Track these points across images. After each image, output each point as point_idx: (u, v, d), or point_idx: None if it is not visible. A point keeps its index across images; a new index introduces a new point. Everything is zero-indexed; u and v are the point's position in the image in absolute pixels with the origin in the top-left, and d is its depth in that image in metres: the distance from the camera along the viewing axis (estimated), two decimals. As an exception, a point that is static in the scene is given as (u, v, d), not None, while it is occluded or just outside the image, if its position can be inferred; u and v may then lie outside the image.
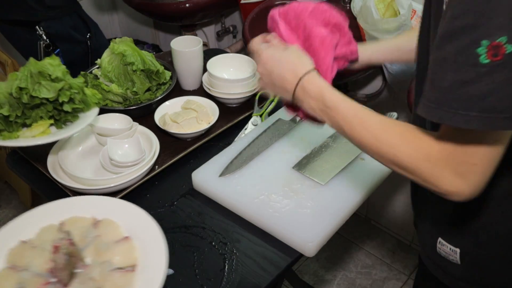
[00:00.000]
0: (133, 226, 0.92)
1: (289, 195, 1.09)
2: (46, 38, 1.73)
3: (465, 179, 0.65)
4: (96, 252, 0.88)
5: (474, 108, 0.59)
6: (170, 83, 1.43)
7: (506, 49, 0.55)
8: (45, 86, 1.08)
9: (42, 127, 1.13)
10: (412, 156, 0.69)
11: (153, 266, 0.84)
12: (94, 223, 0.94)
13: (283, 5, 0.95)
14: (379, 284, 2.01)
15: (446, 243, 0.86)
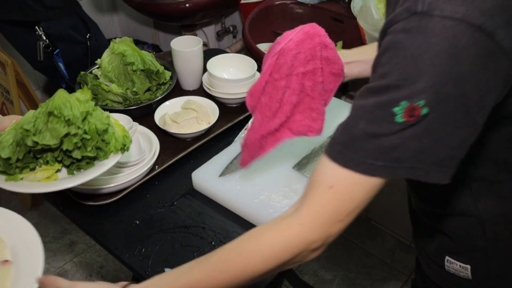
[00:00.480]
0: (21, 252, 0.87)
1: (289, 195, 1.09)
2: (46, 38, 1.73)
3: (325, 245, 0.70)
4: None
5: (381, 158, 0.62)
6: (170, 83, 1.43)
7: (421, 111, 0.58)
8: (50, 130, 0.94)
9: (47, 172, 1.00)
10: (262, 259, 0.69)
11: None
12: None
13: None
14: (379, 284, 2.01)
15: (454, 261, 0.85)
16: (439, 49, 0.56)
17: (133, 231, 1.08)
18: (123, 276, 2.05)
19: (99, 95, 1.36)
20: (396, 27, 0.60)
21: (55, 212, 2.32)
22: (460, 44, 0.56)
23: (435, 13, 0.56)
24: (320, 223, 0.67)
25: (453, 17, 0.56)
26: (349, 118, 0.65)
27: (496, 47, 0.57)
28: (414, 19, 0.58)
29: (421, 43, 0.57)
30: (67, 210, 1.15)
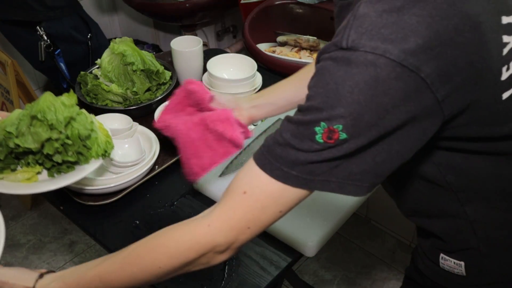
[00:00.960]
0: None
1: (289, 195, 1.09)
2: (47, 38, 1.73)
3: (233, 250, 0.73)
4: None
5: (296, 169, 0.65)
6: (170, 83, 1.43)
7: (339, 136, 0.61)
8: (32, 134, 0.95)
9: (27, 174, 1.00)
10: (174, 256, 0.73)
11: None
12: None
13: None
14: (379, 284, 2.01)
15: (449, 258, 0.86)
16: (359, 79, 0.59)
17: (133, 231, 1.08)
18: (123, 276, 2.05)
19: (99, 95, 1.36)
20: (325, 56, 0.64)
21: (55, 212, 2.32)
22: (381, 76, 0.59)
23: (359, 49, 0.60)
24: (228, 227, 0.70)
25: (374, 52, 0.59)
26: (279, 128, 0.69)
27: (420, 82, 0.60)
28: (340, 52, 0.62)
29: (344, 72, 0.60)
30: (67, 210, 1.15)
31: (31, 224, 2.27)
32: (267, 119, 1.32)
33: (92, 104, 1.36)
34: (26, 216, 2.32)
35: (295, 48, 1.90)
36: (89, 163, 1.00)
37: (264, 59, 1.78)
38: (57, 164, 0.98)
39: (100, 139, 1.02)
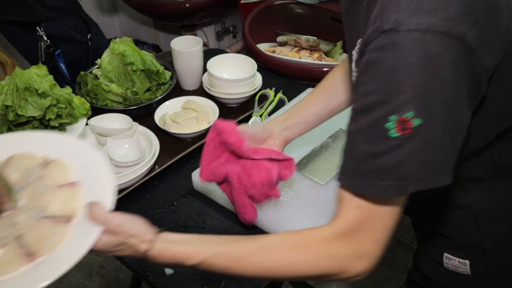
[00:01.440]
0: (88, 173, 0.78)
1: (289, 195, 1.09)
2: (47, 39, 1.74)
3: (368, 258, 0.69)
4: (32, 195, 0.74)
5: (387, 178, 0.63)
6: (170, 83, 1.43)
7: (413, 123, 0.59)
8: (32, 103, 1.04)
9: None
10: (312, 263, 0.69)
11: (91, 226, 0.71)
12: (43, 162, 0.79)
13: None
14: (379, 284, 2.01)
15: (453, 257, 0.86)
16: (413, 60, 0.58)
17: (133, 231, 1.08)
18: (123, 276, 2.05)
19: (99, 95, 1.36)
20: (370, 47, 0.62)
21: (55, 212, 2.32)
22: (431, 51, 0.58)
23: (402, 28, 0.59)
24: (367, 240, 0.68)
25: (419, 29, 0.58)
26: (348, 143, 0.67)
27: (466, 49, 0.59)
28: (384, 37, 0.60)
29: (395, 58, 0.59)
30: (67, 210, 1.15)
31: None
32: (266, 119, 1.32)
33: (92, 104, 1.36)
34: (26, 216, 2.31)
35: (295, 48, 1.90)
36: (78, 122, 1.14)
37: (264, 59, 1.78)
38: (52, 128, 1.09)
39: (76, 101, 1.16)
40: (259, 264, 0.70)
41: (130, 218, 0.74)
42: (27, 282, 0.63)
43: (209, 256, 0.71)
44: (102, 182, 0.76)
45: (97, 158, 0.79)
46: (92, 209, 0.71)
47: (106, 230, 0.71)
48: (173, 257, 0.73)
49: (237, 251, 0.71)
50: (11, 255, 0.65)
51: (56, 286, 2.10)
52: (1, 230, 0.68)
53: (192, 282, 0.97)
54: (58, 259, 0.66)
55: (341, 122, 1.28)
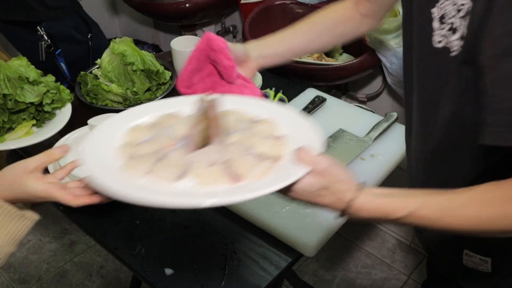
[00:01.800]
0: (295, 131, 0.78)
1: (289, 195, 1.09)
2: (48, 38, 1.74)
3: None
4: (242, 138, 0.77)
5: None
6: (170, 83, 1.43)
7: None
8: (28, 90, 1.13)
9: (26, 128, 1.18)
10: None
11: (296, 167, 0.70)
12: (253, 119, 0.82)
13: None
14: (379, 284, 2.01)
15: (474, 254, 0.84)
16: None
17: (133, 231, 1.08)
18: (123, 276, 2.05)
19: (99, 95, 1.36)
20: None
21: (55, 212, 2.32)
22: None
23: None
24: None
25: None
26: (494, 97, 0.60)
27: None
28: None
29: None
30: (67, 210, 1.15)
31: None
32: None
33: (92, 104, 1.36)
34: (26, 216, 2.32)
35: (295, 48, 1.90)
36: (65, 107, 1.28)
37: (264, 59, 1.78)
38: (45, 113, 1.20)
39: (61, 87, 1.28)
40: (474, 215, 0.64)
41: (339, 164, 0.70)
42: (227, 194, 0.66)
43: (418, 208, 0.65)
44: (309, 138, 0.75)
45: (304, 120, 0.79)
46: (300, 151, 0.69)
47: (313, 171, 0.67)
48: (377, 209, 0.67)
49: (448, 201, 0.65)
50: (217, 174, 0.69)
51: (56, 286, 2.11)
52: (211, 154, 0.73)
53: (192, 282, 0.97)
54: (261, 185, 0.67)
55: (341, 122, 1.28)
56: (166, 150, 0.75)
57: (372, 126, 1.25)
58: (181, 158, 0.73)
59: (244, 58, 0.95)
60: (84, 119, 1.27)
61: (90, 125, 1.24)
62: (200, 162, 0.72)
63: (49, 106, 1.20)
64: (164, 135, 0.78)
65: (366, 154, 1.20)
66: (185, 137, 0.77)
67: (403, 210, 0.66)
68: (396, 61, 1.52)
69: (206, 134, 0.75)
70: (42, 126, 1.24)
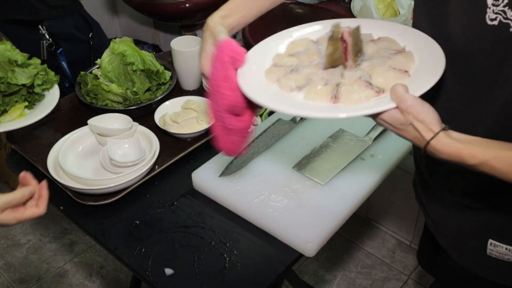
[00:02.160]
0: (425, 69, 0.83)
1: (289, 195, 1.09)
2: (49, 37, 1.74)
3: None
4: (371, 66, 0.84)
5: None
6: (170, 83, 1.43)
7: None
8: (19, 73, 1.17)
9: (19, 110, 1.21)
10: None
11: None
12: (399, 50, 0.88)
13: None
14: (379, 284, 2.01)
15: (500, 244, 0.84)
16: None
17: (133, 231, 1.08)
18: (123, 276, 2.05)
19: (99, 95, 1.36)
20: None
21: (55, 212, 2.31)
22: None
23: None
24: None
25: None
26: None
27: None
28: None
29: None
30: (67, 210, 1.15)
31: (31, 224, 2.27)
32: (266, 119, 1.32)
33: (92, 104, 1.36)
34: (26, 216, 2.32)
35: (295, 48, 1.90)
36: (53, 88, 1.31)
37: (264, 59, 1.78)
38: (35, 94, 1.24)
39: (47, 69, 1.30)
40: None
41: (425, 104, 0.73)
42: (317, 111, 0.77)
43: (493, 158, 0.69)
44: (429, 78, 0.78)
45: (440, 62, 0.81)
46: (395, 87, 0.74)
47: (399, 108, 0.73)
48: (455, 153, 0.71)
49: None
50: (324, 93, 0.79)
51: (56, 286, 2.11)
52: (331, 75, 0.83)
53: (192, 282, 0.97)
54: (349, 109, 0.77)
55: (341, 122, 1.28)
56: (302, 65, 0.86)
57: (372, 126, 1.25)
58: (307, 74, 0.84)
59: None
60: (84, 119, 1.28)
61: (90, 125, 1.24)
62: (317, 80, 0.82)
63: (39, 88, 1.23)
64: (312, 51, 0.88)
65: (366, 154, 1.20)
66: (323, 56, 0.86)
67: (478, 158, 0.70)
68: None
69: (334, 57, 0.84)
70: (33, 107, 1.27)
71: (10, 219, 0.83)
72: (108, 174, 1.18)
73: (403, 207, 2.05)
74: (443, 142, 0.71)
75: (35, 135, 1.34)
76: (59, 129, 1.35)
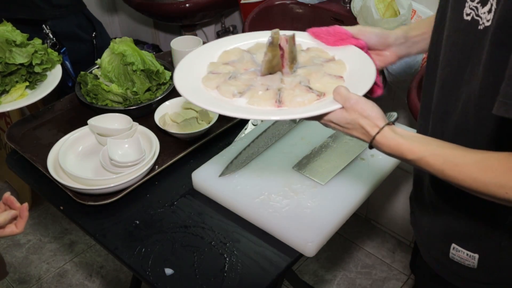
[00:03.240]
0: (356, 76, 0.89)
1: (289, 195, 1.09)
2: (53, 37, 1.74)
3: None
4: (307, 72, 0.90)
5: None
6: (170, 83, 1.43)
7: None
8: (17, 52, 1.19)
9: (20, 90, 1.22)
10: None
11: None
12: (330, 59, 0.94)
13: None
14: (379, 284, 2.01)
15: (461, 249, 0.84)
16: None
17: (133, 231, 1.08)
18: (123, 276, 2.05)
19: (99, 95, 1.36)
20: None
21: (55, 212, 2.32)
22: None
23: None
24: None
25: None
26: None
27: None
28: None
29: None
30: (67, 210, 1.15)
31: (31, 224, 2.27)
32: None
33: (92, 104, 1.36)
34: (26, 216, 2.32)
35: (295, 48, 1.90)
36: (55, 68, 1.31)
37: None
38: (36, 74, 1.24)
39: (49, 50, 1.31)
40: (472, 176, 0.69)
41: (369, 101, 0.78)
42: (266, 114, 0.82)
43: (429, 155, 0.72)
44: (363, 84, 0.85)
45: (370, 66, 0.89)
46: (338, 88, 0.79)
47: (345, 107, 0.78)
48: (397, 147, 0.75)
49: (456, 157, 0.71)
50: (268, 97, 0.84)
51: (56, 286, 2.11)
52: (271, 81, 0.87)
53: (192, 282, 0.97)
54: (297, 111, 0.82)
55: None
56: (239, 72, 0.91)
57: (372, 126, 1.25)
58: (247, 80, 0.88)
59: (381, 48, 0.94)
60: (84, 119, 1.28)
61: (90, 125, 1.24)
62: (257, 85, 0.87)
63: (39, 67, 1.23)
64: (246, 60, 0.94)
65: (366, 154, 1.20)
66: (259, 64, 0.92)
67: (416, 154, 0.73)
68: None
69: (272, 64, 0.88)
70: (35, 87, 1.27)
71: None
72: (108, 174, 1.18)
73: (403, 207, 2.05)
74: (388, 136, 0.75)
75: (35, 135, 1.34)
76: (59, 129, 1.35)
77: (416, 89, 1.34)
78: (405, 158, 0.75)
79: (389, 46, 0.94)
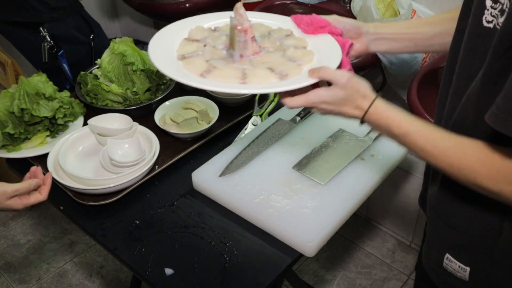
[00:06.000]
0: (320, 46, 0.93)
1: (289, 195, 1.09)
2: (50, 39, 1.73)
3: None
4: (274, 45, 0.94)
5: None
6: (170, 83, 1.43)
7: None
8: (43, 105, 1.24)
9: (40, 139, 1.27)
10: (492, 179, 0.68)
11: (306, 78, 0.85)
12: (288, 34, 0.98)
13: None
14: (379, 284, 2.01)
15: (454, 260, 0.84)
16: None
17: (133, 231, 1.08)
18: (123, 276, 2.05)
19: (99, 95, 1.36)
20: None
21: (55, 212, 2.32)
22: None
23: None
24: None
25: None
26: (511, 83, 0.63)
27: None
28: None
29: None
30: (67, 210, 1.15)
31: (31, 224, 2.27)
32: (266, 119, 1.32)
33: (92, 104, 1.36)
34: (26, 216, 2.32)
35: (295, 48, 1.90)
36: (78, 120, 1.34)
37: (264, 59, 1.78)
38: (58, 125, 1.29)
39: (74, 102, 1.35)
40: (449, 160, 0.72)
41: (358, 77, 0.80)
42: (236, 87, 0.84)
43: (415, 131, 0.75)
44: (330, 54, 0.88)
45: (331, 41, 0.92)
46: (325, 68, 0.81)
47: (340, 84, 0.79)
48: (386, 119, 0.78)
49: (436, 139, 0.73)
50: (231, 75, 0.86)
51: (56, 286, 2.11)
52: (237, 62, 0.90)
53: (192, 282, 0.97)
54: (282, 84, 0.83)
55: (341, 122, 1.28)
56: (207, 50, 0.94)
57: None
58: (213, 58, 0.92)
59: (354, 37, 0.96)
60: (84, 119, 1.28)
61: (90, 125, 1.24)
62: (221, 63, 0.89)
63: (62, 120, 1.28)
64: (215, 37, 0.99)
65: (366, 154, 1.20)
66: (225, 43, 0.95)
67: (403, 128, 0.76)
68: (396, 61, 1.52)
69: (230, 42, 0.92)
70: (55, 136, 1.30)
71: (17, 204, 0.97)
72: (108, 174, 1.18)
73: (403, 207, 2.05)
74: (379, 106, 0.78)
75: (35, 135, 1.34)
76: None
77: (416, 89, 1.34)
78: (392, 131, 0.77)
79: (361, 36, 0.97)
